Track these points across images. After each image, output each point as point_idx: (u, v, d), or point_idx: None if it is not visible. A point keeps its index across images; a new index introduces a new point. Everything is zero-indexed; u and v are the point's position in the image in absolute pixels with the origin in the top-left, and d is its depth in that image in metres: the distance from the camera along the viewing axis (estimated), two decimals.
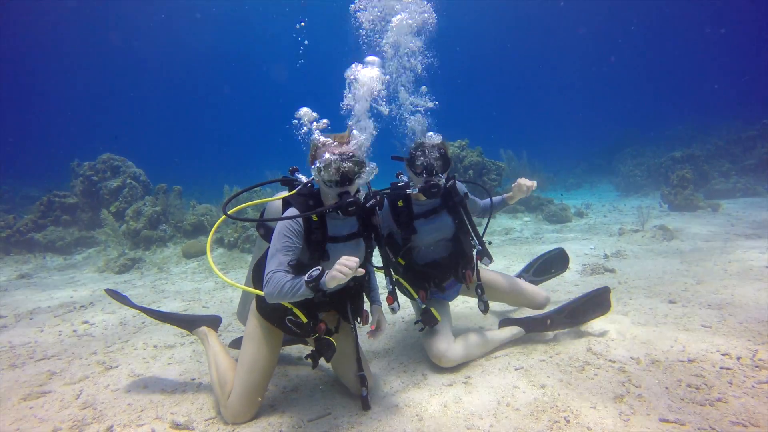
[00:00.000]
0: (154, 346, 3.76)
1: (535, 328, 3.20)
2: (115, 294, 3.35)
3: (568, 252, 4.32)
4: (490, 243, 3.03)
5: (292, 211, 2.37)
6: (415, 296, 2.87)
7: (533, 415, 2.25)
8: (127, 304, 3.29)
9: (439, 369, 2.89)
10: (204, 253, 8.03)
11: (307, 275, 2.03)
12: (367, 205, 2.44)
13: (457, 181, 3.01)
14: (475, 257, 3.00)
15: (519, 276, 4.18)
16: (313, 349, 2.43)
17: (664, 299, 3.96)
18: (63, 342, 4.01)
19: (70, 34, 39.20)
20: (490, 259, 2.93)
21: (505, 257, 6.37)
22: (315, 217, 2.35)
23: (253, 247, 7.91)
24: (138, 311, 3.36)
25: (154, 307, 5.06)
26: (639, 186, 14.87)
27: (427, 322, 2.81)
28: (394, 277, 2.82)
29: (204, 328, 3.08)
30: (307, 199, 2.43)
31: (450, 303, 3.28)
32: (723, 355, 2.72)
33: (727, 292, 3.97)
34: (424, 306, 2.81)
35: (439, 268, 3.01)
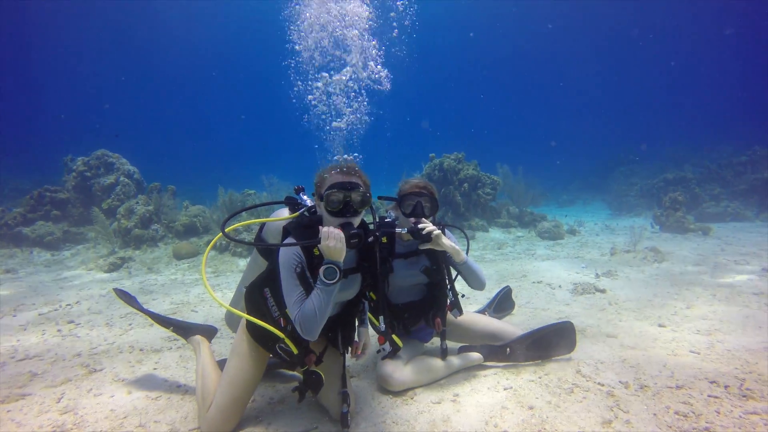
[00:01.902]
0: (141, 350, 3.71)
1: (495, 357, 3.14)
2: (123, 294, 3.33)
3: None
4: (463, 296, 3.05)
5: (292, 254, 2.27)
6: (377, 323, 2.68)
7: None
8: (134, 306, 3.26)
9: (430, 387, 2.87)
10: (195, 254, 7.97)
11: (319, 281, 2.09)
12: (369, 240, 2.42)
13: (446, 229, 2.95)
14: (447, 306, 2.99)
15: (483, 312, 4.18)
16: (301, 382, 2.39)
17: (653, 322, 3.98)
18: (46, 342, 3.94)
19: (69, 26, 39.01)
20: (460, 312, 2.94)
21: (497, 272, 6.38)
22: (317, 251, 2.25)
23: (245, 251, 7.85)
24: (141, 314, 3.30)
25: None
26: (631, 206, 15.00)
27: (389, 348, 2.80)
28: (367, 301, 2.78)
29: (198, 337, 3.04)
30: (307, 230, 2.33)
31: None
32: (711, 383, 2.73)
33: (716, 318, 4.00)
34: (387, 334, 2.68)
35: (411, 310, 3.00)
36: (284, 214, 2.66)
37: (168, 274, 7.06)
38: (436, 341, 3.67)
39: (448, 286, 2.93)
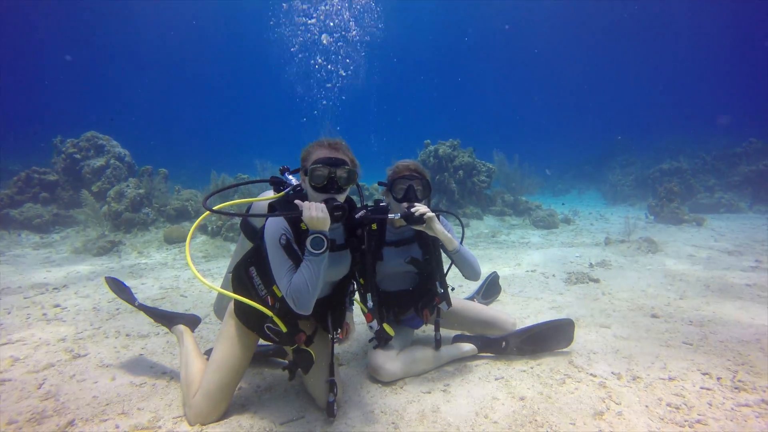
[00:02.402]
0: (127, 335, 3.64)
1: (489, 349, 3.09)
2: (114, 284, 3.25)
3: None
4: (452, 289, 2.97)
5: (279, 220, 2.26)
6: (365, 309, 2.63)
7: (511, 429, 2.20)
8: (123, 297, 3.18)
9: (421, 377, 2.83)
10: (186, 239, 7.87)
11: (307, 252, 2.06)
12: (356, 216, 2.38)
13: (441, 216, 2.87)
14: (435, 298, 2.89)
15: (471, 298, 4.15)
16: (291, 360, 2.34)
17: (646, 313, 3.95)
18: (31, 326, 3.86)
19: (62, 8, 38.12)
20: (449, 305, 2.86)
21: (490, 260, 6.34)
22: (303, 226, 2.21)
23: (237, 236, 7.76)
24: (129, 305, 3.23)
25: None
26: (626, 196, 15.02)
27: (380, 337, 2.72)
28: (354, 285, 2.78)
29: (181, 327, 2.97)
30: (292, 206, 2.27)
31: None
32: (704, 374, 2.70)
33: (708, 309, 3.98)
34: (378, 328, 2.61)
35: (401, 299, 2.93)
36: (270, 194, 2.59)
37: (158, 258, 6.96)
38: (428, 329, 3.64)
39: (437, 277, 2.85)
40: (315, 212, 2.05)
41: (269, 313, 2.29)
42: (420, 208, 2.55)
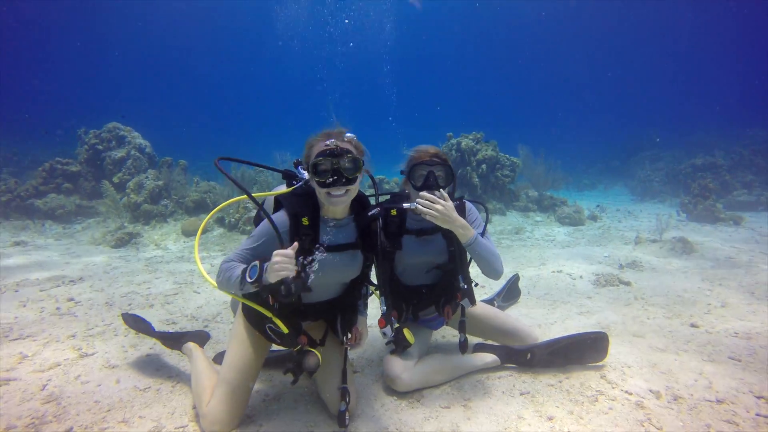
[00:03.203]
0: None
1: (513, 360, 2.86)
2: (132, 319, 3.16)
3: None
4: (476, 285, 2.71)
5: (280, 214, 2.16)
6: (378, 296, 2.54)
7: None
8: (144, 330, 3.08)
9: (439, 389, 2.63)
10: (204, 232, 7.82)
11: (247, 273, 1.93)
12: (369, 213, 2.23)
13: (467, 203, 2.64)
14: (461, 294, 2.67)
15: (491, 301, 3.94)
16: (295, 362, 2.18)
17: (685, 321, 3.66)
18: (43, 320, 3.81)
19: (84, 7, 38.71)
20: (472, 302, 2.61)
21: (514, 259, 6.08)
22: (306, 221, 2.11)
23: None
24: (149, 337, 3.13)
25: (143, 287, 4.86)
26: (655, 192, 14.41)
27: (398, 343, 2.50)
28: (371, 289, 2.63)
29: (190, 344, 2.84)
30: (301, 200, 2.20)
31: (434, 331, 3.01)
32: (758, 398, 2.43)
33: (756, 320, 3.66)
34: (397, 326, 2.48)
35: (421, 295, 2.72)
36: (282, 188, 2.47)
37: (175, 251, 6.92)
38: (447, 332, 3.44)
39: (461, 271, 2.63)
40: (278, 267, 1.84)
41: (268, 313, 2.18)
42: (429, 199, 2.33)
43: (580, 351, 2.80)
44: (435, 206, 2.28)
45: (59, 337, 3.42)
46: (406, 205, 2.40)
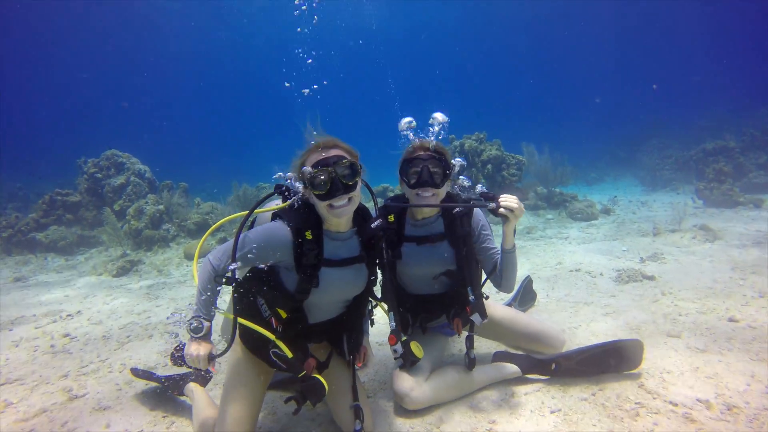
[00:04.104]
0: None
1: (536, 371, 2.61)
2: (142, 373, 2.97)
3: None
4: (487, 297, 2.46)
5: (280, 224, 1.99)
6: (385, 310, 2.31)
7: None
8: (155, 379, 2.87)
9: (460, 409, 2.37)
10: (206, 254, 7.61)
11: (193, 324, 1.90)
12: (372, 225, 2.04)
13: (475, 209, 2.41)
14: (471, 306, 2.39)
15: (509, 305, 3.70)
16: (299, 390, 1.97)
17: (722, 316, 3.37)
18: (35, 361, 3.60)
19: (81, 31, 39.11)
20: (483, 316, 2.32)
21: (528, 260, 5.80)
22: (309, 235, 1.95)
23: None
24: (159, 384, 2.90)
25: (142, 317, 4.65)
26: (667, 180, 14.06)
27: (406, 358, 2.24)
28: (375, 302, 2.41)
29: (191, 385, 2.63)
30: (302, 214, 2.02)
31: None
32: None
33: None
34: (404, 338, 2.22)
35: (429, 305, 2.49)
36: (276, 204, 2.24)
37: (178, 275, 6.72)
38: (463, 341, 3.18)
39: (470, 282, 2.37)
40: (195, 352, 1.85)
41: (272, 336, 1.98)
42: (508, 201, 2.16)
43: (612, 360, 2.52)
44: (520, 203, 2.17)
45: (49, 379, 3.20)
46: (492, 205, 2.20)
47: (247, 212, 2.14)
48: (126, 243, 8.29)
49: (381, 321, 2.49)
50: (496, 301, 2.96)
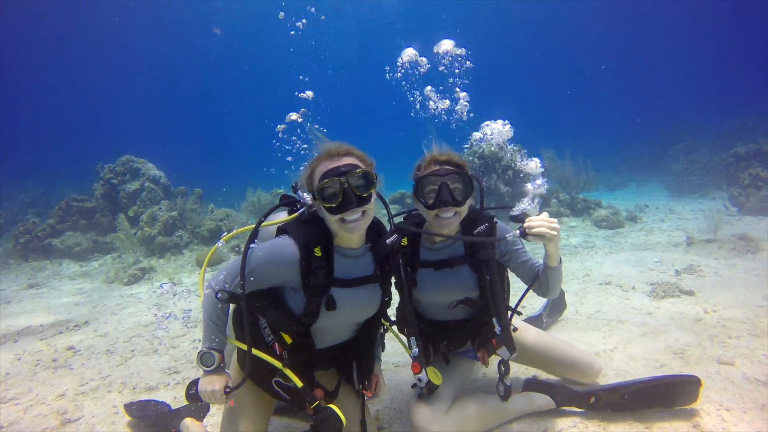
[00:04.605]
0: (133, 388, 3.13)
1: (572, 403, 2.32)
2: (133, 411, 2.69)
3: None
4: (515, 330, 2.16)
5: (286, 239, 1.77)
6: (408, 351, 2.01)
7: None
8: (145, 419, 2.61)
9: None
10: (220, 261, 7.45)
11: (204, 356, 1.74)
12: (387, 241, 1.82)
13: (499, 224, 2.13)
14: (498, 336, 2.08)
15: (539, 317, 3.50)
16: (312, 424, 1.73)
17: None
18: (35, 377, 3.44)
19: (94, 35, 39.72)
20: (511, 350, 2.03)
21: None
22: (318, 252, 1.73)
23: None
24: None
25: (149, 329, 4.48)
26: (695, 186, 13.50)
27: (423, 385, 1.98)
28: (386, 324, 2.18)
29: (187, 421, 2.40)
30: (309, 226, 1.80)
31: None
32: None
33: None
34: (427, 380, 1.95)
35: (450, 332, 2.22)
36: (281, 215, 2.03)
37: (188, 283, 6.57)
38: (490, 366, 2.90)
39: (495, 311, 2.07)
40: (210, 387, 1.72)
41: (278, 364, 1.76)
42: (536, 225, 1.87)
43: (661, 397, 2.21)
44: (554, 226, 1.87)
45: (46, 398, 3.02)
46: (510, 234, 1.98)
47: (248, 227, 1.93)
48: (139, 250, 8.20)
49: (395, 340, 2.22)
50: (524, 320, 2.68)
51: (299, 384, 1.74)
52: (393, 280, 2.04)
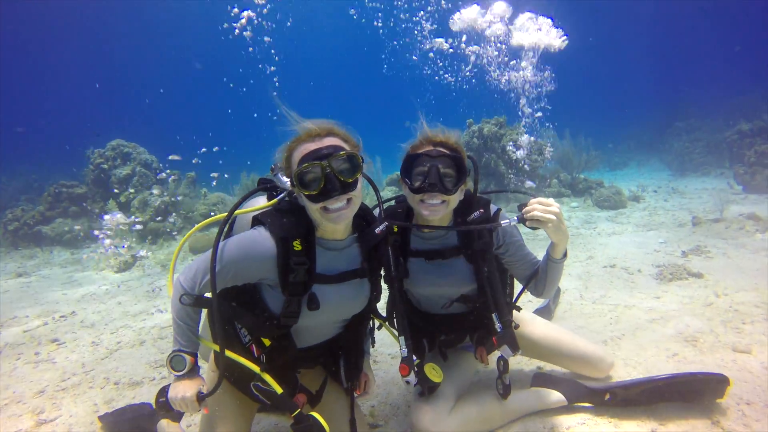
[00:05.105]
0: (116, 384, 2.98)
1: (585, 400, 2.16)
2: (107, 420, 2.48)
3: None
4: (517, 327, 1.96)
5: (261, 232, 1.56)
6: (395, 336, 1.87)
7: None
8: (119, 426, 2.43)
9: None
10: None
11: (173, 360, 1.56)
12: (376, 230, 1.63)
13: (501, 213, 1.91)
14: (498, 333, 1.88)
15: (547, 308, 3.36)
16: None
17: None
18: (14, 372, 3.28)
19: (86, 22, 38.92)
20: (513, 349, 1.83)
21: None
22: (298, 245, 1.53)
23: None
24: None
25: (137, 320, 4.32)
26: (697, 164, 13.28)
27: (422, 384, 1.81)
28: (379, 322, 2.00)
29: (163, 423, 2.23)
30: (286, 216, 1.59)
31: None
32: None
33: None
34: (417, 362, 1.76)
35: (447, 326, 2.04)
36: (260, 202, 1.79)
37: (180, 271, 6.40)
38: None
39: (494, 307, 1.87)
40: (180, 394, 1.52)
41: (255, 368, 1.57)
42: (530, 209, 1.70)
43: (681, 394, 2.05)
44: (551, 209, 1.67)
45: (24, 396, 2.87)
46: (504, 221, 1.77)
47: (224, 214, 1.73)
48: (130, 236, 8.01)
49: (380, 339, 2.06)
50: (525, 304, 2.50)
51: (279, 390, 1.57)
52: (382, 272, 1.85)
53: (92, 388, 2.94)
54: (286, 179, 1.61)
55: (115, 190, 9.24)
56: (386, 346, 3.10)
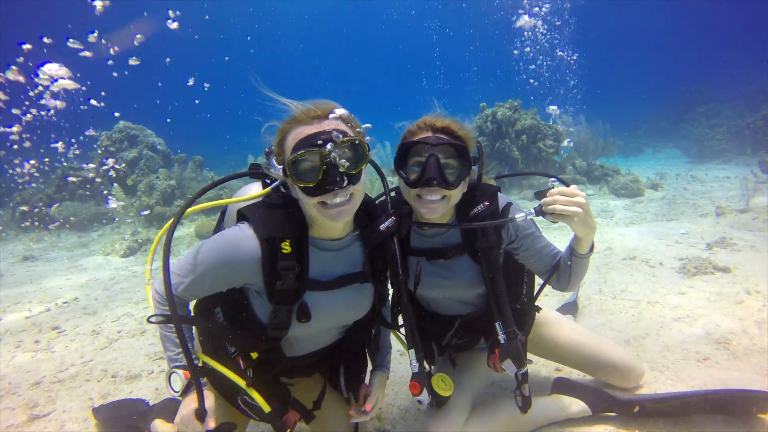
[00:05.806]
0: (113, 376, 2.87)
1: (611, 411, 1.97)
2: (102, 415, 2.37)
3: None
4: (539, 310, 1.81)
5: (244, 231, 1.35)
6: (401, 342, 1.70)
7: None
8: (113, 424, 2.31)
9: None
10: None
11: (171, 377, 1.41)
12: (381, 227, 1.42)
13: (513, 206, 1.68)
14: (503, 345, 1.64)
15: (574, 304, 3.17)
16: None
17: None
18: (13, 361, 3.19)
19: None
20: (518, 366, 1.59)
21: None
22: (287, 247, 1.32)
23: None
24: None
25: (139, 308, 4.22)
26: (718, 151, 12.85)
27: (432, 396, 1.58)
28: (392, 332, 1.82)
29: (156, 422, 2.09)
30: (274, 212, 1.38)
31: None
32: None
33: None
34: (427, 370, 1.55)
35: (460, 330, 1.81)
36: (253, 190, 1.58)
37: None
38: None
39: (498, 316, 1.64)
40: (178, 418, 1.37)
41: (241, 382, 1.40)
42: (550, 201, 1.47)
43: (719, 409, 1.86)
44: (576, 200, 1.43)
45: (19, 388, 2.77)
46: (519, 216, 1.52)
47: (216, 202, 1.56)
48: (137, 220, 7.94)
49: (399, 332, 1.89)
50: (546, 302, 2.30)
51: (266, 408, 1.39)
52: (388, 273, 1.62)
53: (89, 380, 2.83)
54: (279, 166, 1.38)
55: (112, 173, 9.13)
56: (393, 343, 2.95)
